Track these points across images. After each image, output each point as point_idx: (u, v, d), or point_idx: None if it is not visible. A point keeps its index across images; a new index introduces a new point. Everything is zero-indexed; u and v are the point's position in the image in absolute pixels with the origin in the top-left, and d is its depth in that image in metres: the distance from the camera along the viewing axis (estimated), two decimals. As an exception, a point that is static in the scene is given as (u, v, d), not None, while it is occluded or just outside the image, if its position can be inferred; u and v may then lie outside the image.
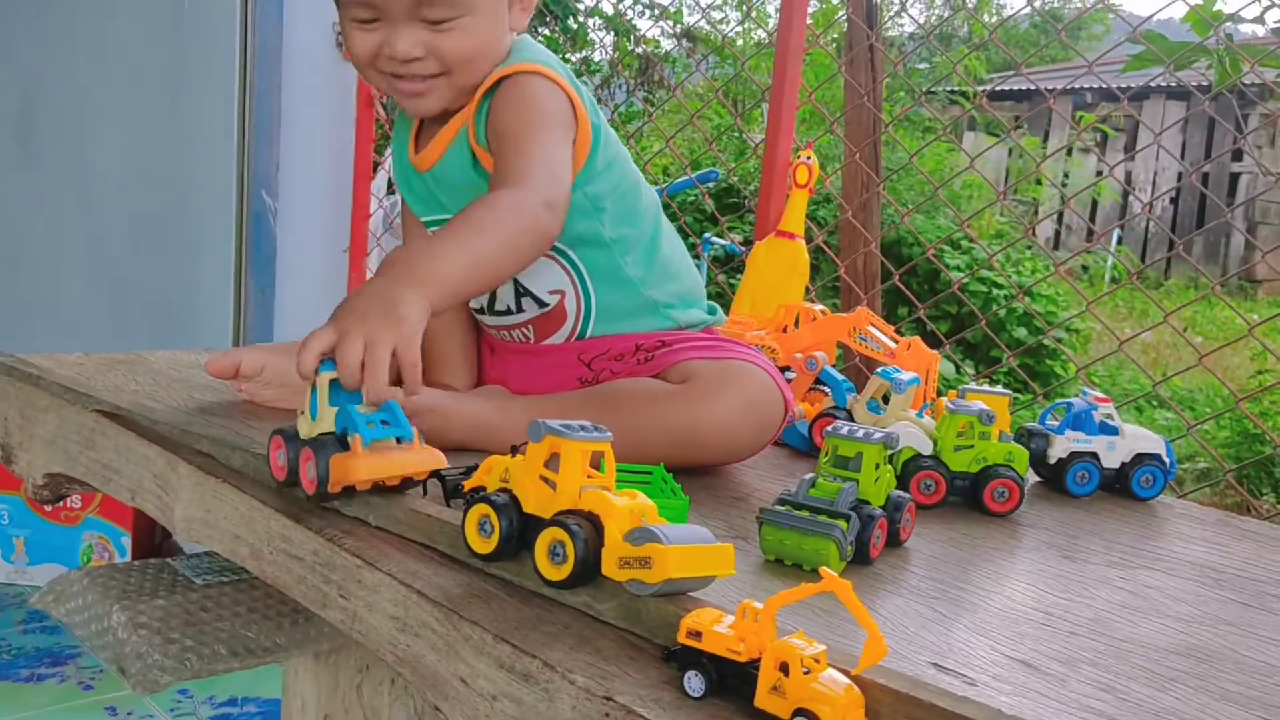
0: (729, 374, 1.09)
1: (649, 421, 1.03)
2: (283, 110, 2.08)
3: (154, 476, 0.99)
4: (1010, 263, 6.51)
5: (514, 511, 0.72)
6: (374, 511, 0.83)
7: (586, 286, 1.18)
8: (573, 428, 0.71)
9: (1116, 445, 1.12)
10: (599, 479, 0.72)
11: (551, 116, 1.09)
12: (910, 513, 0.92)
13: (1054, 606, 0.81)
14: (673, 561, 0.64)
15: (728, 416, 1.05)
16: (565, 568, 0.68)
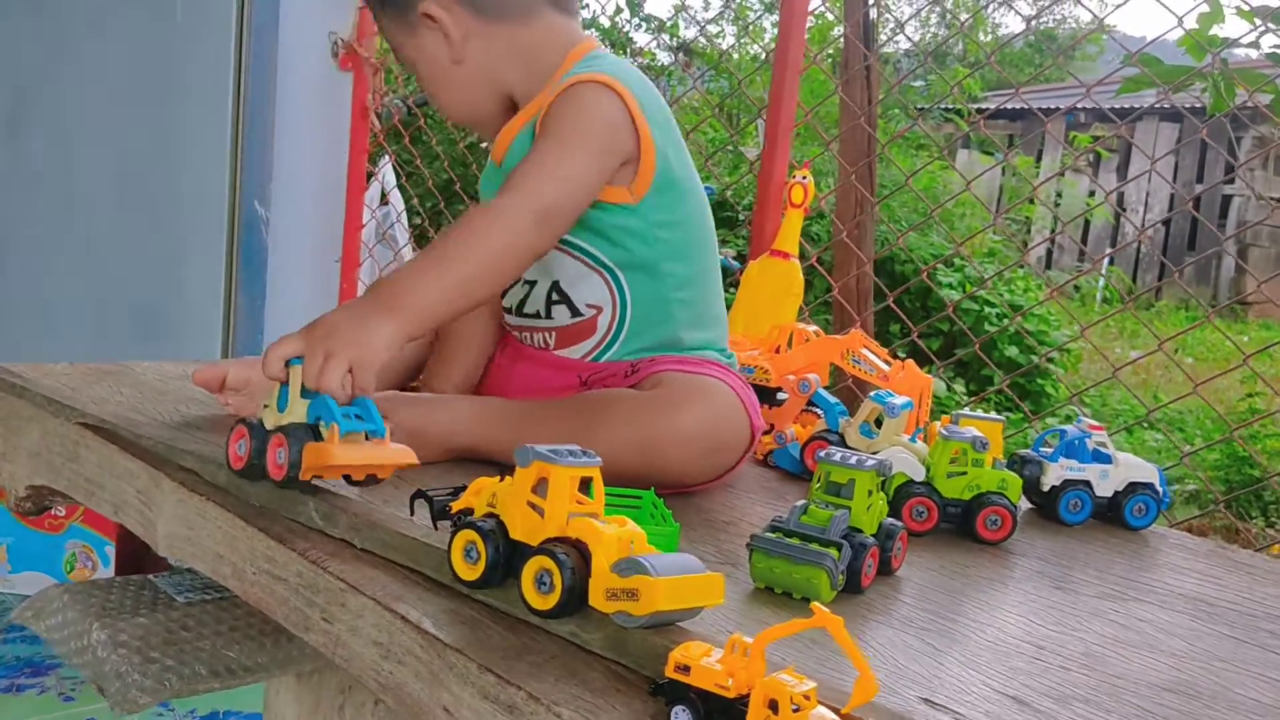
0: (694, 387, 1.07)
1: (606, 430, 1.01)
2: (276, 119, 2.07)
3: (137, 492, 0.98)
4: (1002, 281, 6.52)
5: (501, 538, 0.71)
6: (360, 534, 0.81)
7: (625, 310, 1.16)
8: (560, 453, 0.70)
9: (1110, 474, 1.11)
10: (588, 505, 0.71)
11: (591, 127, 1.09)
12: (902, 541, 0.91)
13: (1046, 639, 0.80)
14: (661, 594, 0.63)
15: (685, 429, 1.02)
16: (552, 598, 0.67)
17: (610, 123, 1.10)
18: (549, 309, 1.18)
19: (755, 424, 1.11)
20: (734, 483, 1.16)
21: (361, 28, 2.16)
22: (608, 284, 1.16)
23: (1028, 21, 2.06)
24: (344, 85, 2.18)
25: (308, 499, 0.85)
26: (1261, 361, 6.88)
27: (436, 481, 1.00)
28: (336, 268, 2.25)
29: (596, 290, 1.16)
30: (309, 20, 2.12)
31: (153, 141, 2.24)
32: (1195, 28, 2.36)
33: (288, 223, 2.09)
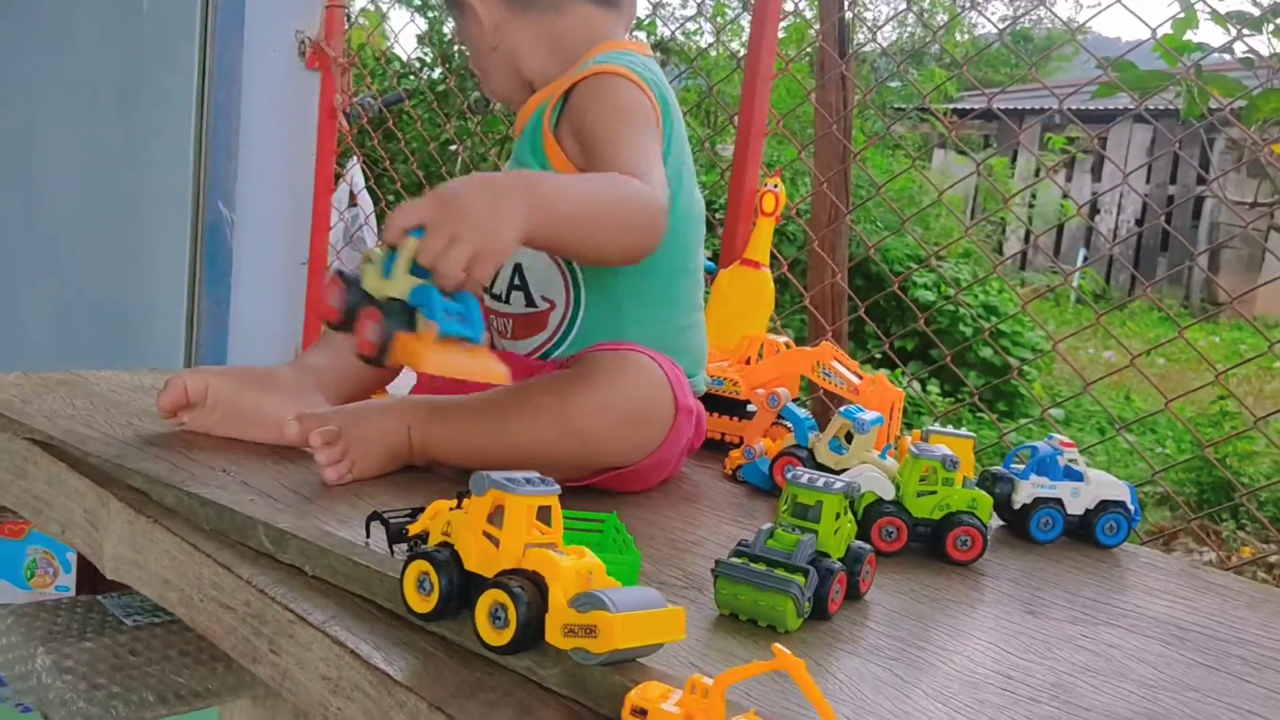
0: (610, 359, 1.04)
1: (528, 411, 1.00)
2: (242, 119, 2.03)
3: (85, 511, 0.95)
4: (977, 281, 6.54)
5: (455, 569, 0.68)
6: (311, 561, 0.79)
7: (577, 313, 1.15)
8: (517, 480, 0.68)
9: (1081, 491, 1.10)
10: (547, 534, 0.68)
11: (640, 114, 1.10)
12: (870, 564, 0.89)
13: (1015, 668, 0.78)
14: (619, 631, 0.61)
15: (599, 399, 1.00)
16: (507, 633, 0.65)
17: (644, 106, 1.12)
18: (509, 294, 1.18)
19: (680, 400, 1.06)
20: (700, 499, 1.14)
21: (329, 26, 2.13)
22: (565, 281, 1.15)
23: (1000, 31, 2.05)
24: (311, 85, 2.14)
25: (258, 524, 0.82)
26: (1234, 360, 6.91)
27: (397, 500, 0.98)
28: (303, 270, 2.21)
29: (554, 284, 1.16)
30: (275, 18, 2.08)
31: (115, 141, 2.20)
32: (1169, 33, 2.36)
33: (253, 224, 2.05)
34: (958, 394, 5.46)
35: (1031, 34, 15.02)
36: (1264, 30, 2.48)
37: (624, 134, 1.07)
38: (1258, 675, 0.83)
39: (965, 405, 5.37)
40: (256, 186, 2.06)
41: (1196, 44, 2.42)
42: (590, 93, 1.12)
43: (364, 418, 1.03)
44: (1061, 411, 5.70)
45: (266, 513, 0.84)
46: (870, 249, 1.97)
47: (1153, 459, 5.12)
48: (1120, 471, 4.61)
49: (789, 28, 6.60)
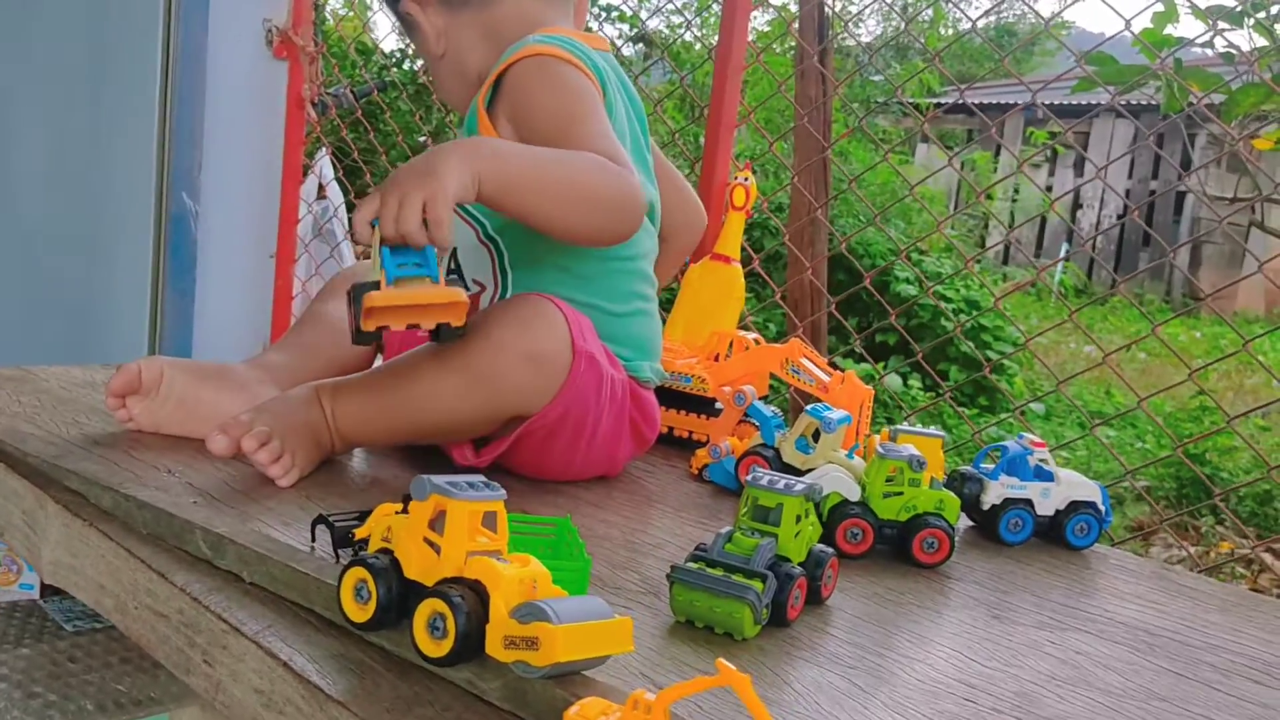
0: (511, 302, 1.04)
1: (427, 370, 0.99)
2: (206, 109, 1.99)
3: (23, 514, 0.91)
4: (956, 274, 6.54)
5: (394, 577, 0.65)
6: (249, 567, 0.76)
7: (505, 293, 1.14)
8: (460, 485, 0.65)
9: (1051, 492, 1.08)
10: (493, 541, 0.65)
11: (589, 97, 1.09)
12: (833, 568, 0.87)
13: (978, 677, 0.76)
14: (561, 643, 0.58)
15: (494, 335, 0.98)
16: (445, 644, 0.62)
17: (589, 87, 1.10)
18: (446, 279, 1.13)
19: (578, 343, 1.02)
20: (664, 500, 1.11)
21: (297, 15, 2.09)
22: (493, 263, 1.14)
23: (973, 24, 2.02)
24: (279, 74, 2.10)
25: (195, 529, 0.79)
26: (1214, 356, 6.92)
27: (347, 503, 0.95)
28: (271, 263, 2.17)
29: (483, 267, 1.15)
30: (242, 6, 2.04)
31: (77, 130, 2.15)
32: (1149, 26, 2.34)
33: (219, 216, 2.01)
34: (939, 389, 5.46)
35: (1015, 28, 15.02)
36: (1244, 25, 2.47)
37: (578, 116, 1.05)
38: (1227, 682, 0.81)
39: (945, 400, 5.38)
40: (222, 178, 2.02)
41: (1176, 38, 2.40)
42: (529, 74, 1.09)
43: (284, 411, 1.00)
44: (1042, 406, 5.71)
45: (205, 516, 0.81)
46: (842, 243, 1.94)
47: (1133, 453, 5.12)
48: (1101, 466, 4.61)
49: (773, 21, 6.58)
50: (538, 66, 1.09)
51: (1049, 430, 5.30)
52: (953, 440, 4.40)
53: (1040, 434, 4.00)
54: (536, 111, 1.06)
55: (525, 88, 1.08)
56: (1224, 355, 1.67)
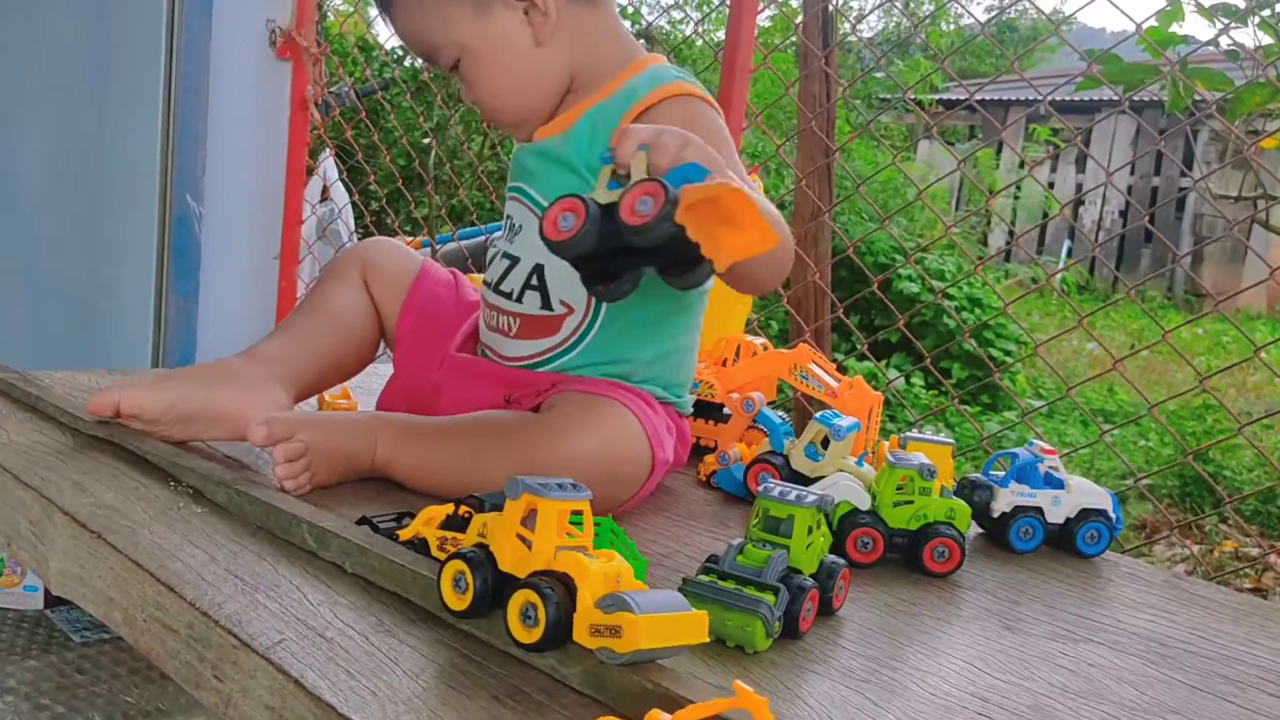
0: (588, 409, 1.01)
1: (495, 455, 0.97)
2: (210, 110, 1.98)
3: (30, 523, 0.91)
4: (963, 276, 6.53)
5: (489, 569, 0.69)
6: (350, 559, 0.80)
7: (595, 320, 1.11)
8: (549, 485, 0.69)
9: (1062, 500, 1.07)
10: (578, 538, 0.69)
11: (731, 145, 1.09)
12: (844, 579, 0.86)
13: (991, 690, 0.76)
14: (643, 632, 0.62)
15: (575, 459, 0.95)
16: (536, 631, 0.66)
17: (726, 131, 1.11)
18: (523, 293, 1.13)
19: (658, 454, 1.03)
20: (672, 507, 1.11)
21: (301, 15, 2.08)
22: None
23: (983, 26, 2.02)
24: (282, 75, 2.09)
25: (302, 522, 0.84)
26: (1216, 353, 6.92)
27: (369, 506, 0.96)
28: (275, 265, 2.17)
29: (577, 290, 1.09)
30: (245, 7, 2.03)
31: (82, 131, 2.15)
32: (1154, 25, 2.33)
33: (223, 218, 2.01)
34: (942, 387, 5.45)
35: (1017, 25, 14.99)
36: (1249, 22, 2.46)
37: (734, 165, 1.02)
38: (1241, 695, 0.80)
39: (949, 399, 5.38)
40: (226, 179, 2.01)
41: (1181, 36, 2.40)
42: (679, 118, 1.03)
43: (332, 431, 1.00)
44: (1043, 404, 5.69)
45: (310, 511, 0.87)
46: (849, 247, 1.93)
47: (1136, 451, 5.11)
48: (1104, 464, 4.61)
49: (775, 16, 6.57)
50: (702, 113, 1.08)
51: (1051, 428, 5.29)
52: (957, 438, 4.40)
53: (1043, 432, 3.99)
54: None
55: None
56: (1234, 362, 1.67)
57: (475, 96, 1.13)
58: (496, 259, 1.17)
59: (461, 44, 1.09)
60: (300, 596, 0.77)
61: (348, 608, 0.76)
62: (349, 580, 0.80)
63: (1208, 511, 4.06)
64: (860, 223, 6.29)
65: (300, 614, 0.74)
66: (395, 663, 0.68)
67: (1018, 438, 4.73)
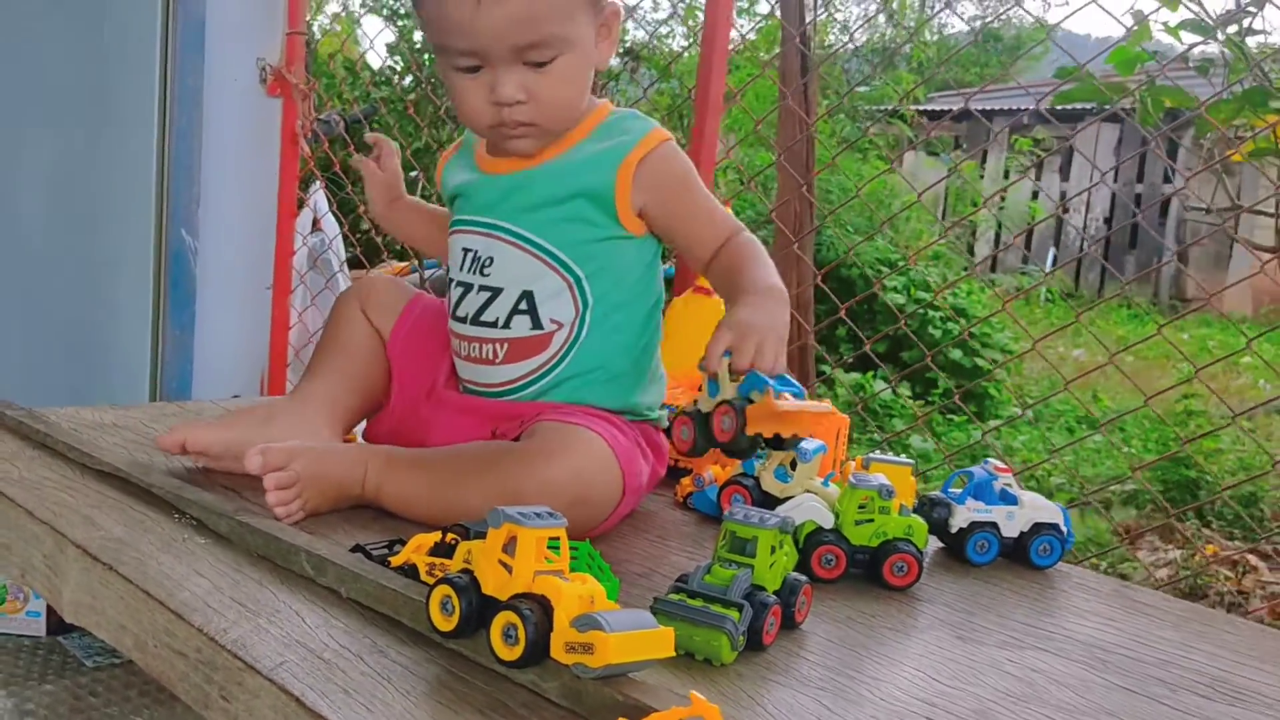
0: (563, 439, 1.07)
1: (477, 481, 1.04)
2: (204, 147, 2.04)
3: (44, 556, 0.97)
4: (948, 285, 6.59)
5: (474, 593, 0.75)
6: (346, 584, 0.86)
7: (581, 330, 1.19)
8: (528, 515, 0.75)
9: (1016, 515, 1.14)
10: (556, 562, 0.76)
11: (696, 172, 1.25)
12: (806, 595, 0.93)
13: (939, 696, 0.82)
14: (613, 648, 0.68)
15: (548, 484, 1.02)
16: (517, 649, 0.72)
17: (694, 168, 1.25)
18: (510, 319, 1.19)
19: (629, 479, 1.10)
20: (650, 528, 1.17)
21: (290, 53, 2.15)
22: (575, 303, 1.19)
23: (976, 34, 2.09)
24: (273, 111, 2.16)
25: (300, 551, 0.90)
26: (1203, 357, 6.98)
27: (364, 534, 1.02)
28: (268, 295, 2.23)
29: (564, 307, 1.18)
30: (236, 47, 2.10)
31: (79, 168, 2.21)
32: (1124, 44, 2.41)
33: (217, 251, 2.07)
34: (928, 396, 5.52)
35: (1001, 34, 15.10)
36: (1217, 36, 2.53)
37: (706, 198, 1.23)
38: (1173, 697, 0.87)
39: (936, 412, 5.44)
40: (220, 214, 2.08)
41: (1150, 54, 2.47)
42: (666, 164, 1.20)
43: (324, 461, 1.06)
44: (1030, 412, 5.76)
45: (307, 540, 0.93)
46: (838, 260, 2.00)
47: (1120, 458, 5.18)
48: (1088, 471, 4.67)
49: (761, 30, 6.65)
50: (677, 155, 1.22)
51: (1036, 435, 5.35)
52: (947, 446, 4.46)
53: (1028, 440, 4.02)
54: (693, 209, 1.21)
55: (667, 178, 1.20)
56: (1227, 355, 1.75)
57: (544, 98, 1.13)
58: (468, 294, 1.21)
59: (571, 42, 1.12)
60: (299, 620, 0.83)
61: (344, 631, 0.82)
62: (345, 605, 0.86)
63: (1190, 517, 4.12)
64: (847, 235, 6.35)
65: (300, 637, 0.80)
66: (388, 681, 0.74)
67: (1003, 445, 4.80)
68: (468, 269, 1.21)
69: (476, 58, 1.11)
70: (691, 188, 1.22)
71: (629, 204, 1.18)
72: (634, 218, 1.19)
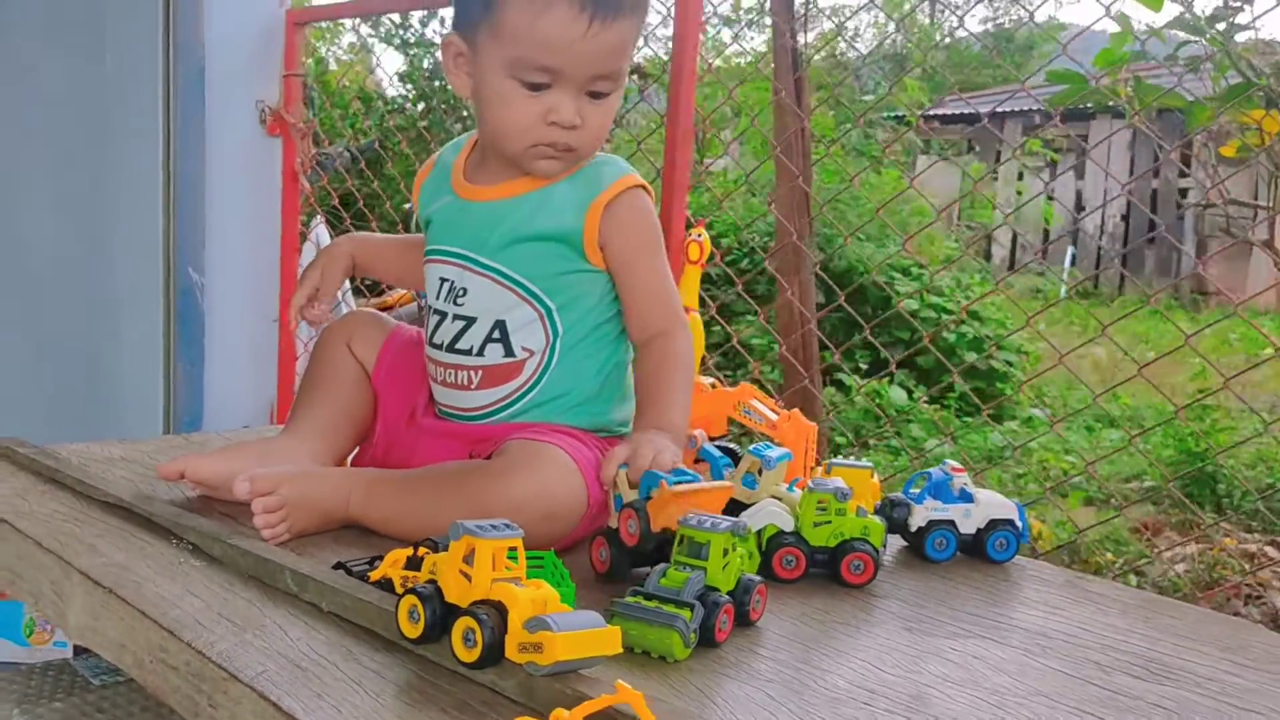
0: (528, 455, 1.13)
1: (450, 499, 1.10)
2: (207, 187, 2.13)
3: (51, 583, 1.04)
4: (960, 288, 6.61)
5: (438, 602, 0.82)
6: (325, 598, 0.93)
7: (552, 356, 1.24)
8: (485, 527, 0.82)
9: (972, 512, 1.19)
10: (514, 570, 0.82)
11: (659, 234, 1.29)
12: (761, 594, 0.98)
13: (880, 684, 0.87)
14: (560, 646, 0.75)
15: (515, 498, 1.07)
16: (475, 651, 0.79)
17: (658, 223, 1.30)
18: (484, 347, 1.25)
19: (594, 493, 1.14)
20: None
21: (288, 94, 2.23)
22: (546, 331, 1.24)
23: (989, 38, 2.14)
24: (273, 150, 2.25)
25: (285, 570, 0.97)
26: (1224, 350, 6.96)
27: (347, 552, 1.09)
28: (274, 328, 2.31)
29: (535, 336, 1.25)
30: (235, 89, 2.19)
31: (89, 210, 2.31)
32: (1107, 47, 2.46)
33: (223, 287, 2.16)
34: (943, 400, 5.55)
35: (1014, 35, 15.09)
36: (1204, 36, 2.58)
37: (661, 270, 1.27)
38: (1106, 678, 0.92)
39: (951, 409, 5.47)
40: (225, 250, 2.16)
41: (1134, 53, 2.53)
42: (633, 212, 1.25)
43: (309, 485, 1.13)
44: (1047, 411, 5.77)
45: (292, 560, 1.00)
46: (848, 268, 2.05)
47: (1137, 455, 5.18)
48: (1105, 469, 4.69)
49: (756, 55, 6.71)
50: (644, 204, 1.26)
51: (1054, 437, 5.36)
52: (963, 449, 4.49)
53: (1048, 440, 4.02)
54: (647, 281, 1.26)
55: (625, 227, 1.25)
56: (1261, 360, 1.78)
57: (591, 127, 1.20)
58: (444, 322, 1.27)
59: (623, 80, 1.20)
60: (282, 633, 0.89)
61: (323, 641, 0.88)
62: (326, 618, 0.93)
63: (1206, 509, 4.14)
64: (858, 242, 6.37)
65: (281, 648, 0.86)
66: (359, 685, 0.81)
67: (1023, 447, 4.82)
68: (443, 298, 1.28)
69: (552, 76, 1.16)
70: (650, 255, 1.26)
71: (595, 243, 1.24)
72: (600, 254, 1.25)
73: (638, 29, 1.19)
